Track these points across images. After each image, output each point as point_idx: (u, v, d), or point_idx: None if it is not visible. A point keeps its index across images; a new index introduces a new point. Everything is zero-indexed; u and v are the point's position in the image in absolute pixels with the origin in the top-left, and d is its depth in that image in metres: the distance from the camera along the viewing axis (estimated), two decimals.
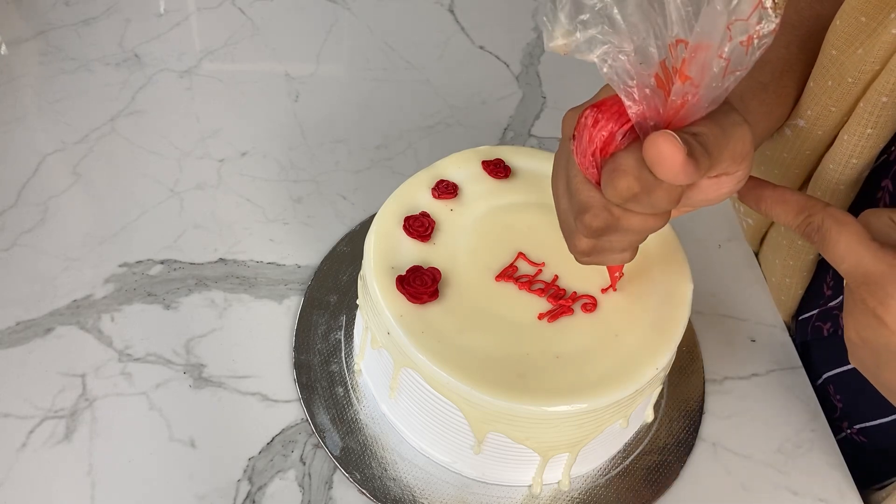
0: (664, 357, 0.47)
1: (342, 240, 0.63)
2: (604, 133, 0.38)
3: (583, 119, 0.39)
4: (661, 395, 0.57)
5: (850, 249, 0.38)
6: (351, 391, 0.55)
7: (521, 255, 0.51)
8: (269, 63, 0.77)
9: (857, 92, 0.51)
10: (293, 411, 0.54)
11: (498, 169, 0.54)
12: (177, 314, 0.58)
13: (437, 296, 0.48)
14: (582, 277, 0.50)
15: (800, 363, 0.60)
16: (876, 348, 0.39)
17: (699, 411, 0.57)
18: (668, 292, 0.50)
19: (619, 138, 0.38)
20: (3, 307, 0.57)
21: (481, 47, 0.82)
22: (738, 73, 0.35)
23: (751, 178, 0.43)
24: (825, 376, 0.59)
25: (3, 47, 0.75)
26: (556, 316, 0.48)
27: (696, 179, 0.36)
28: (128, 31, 0.78)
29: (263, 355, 0.57)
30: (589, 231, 0.40)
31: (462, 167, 0.55)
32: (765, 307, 0.64)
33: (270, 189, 0.67)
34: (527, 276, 0.50)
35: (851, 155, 0.53)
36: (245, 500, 0.50)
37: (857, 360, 0.41)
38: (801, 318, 0.62)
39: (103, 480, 0.50)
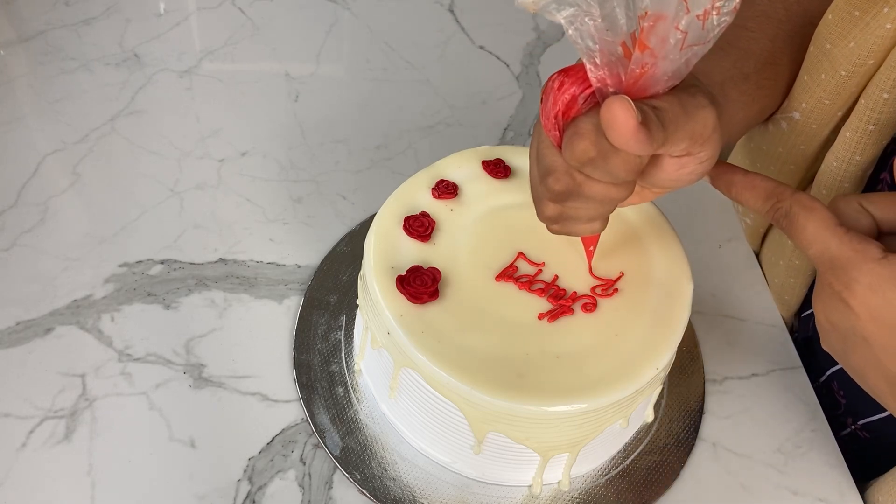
0: (664, 357, 0.47)
1: (342, 240, 0.63)
2: (566, 96, 0.39)
3: (550, 82, 0.40)
4: (661, 395, 0.57)
5: (816, 235, 0.39)
6: (351, 391, 0.55)
7: (521, 255, 0.51)
8: (269, 63, 0.77)
9: (851, 85, 0.51)
10: (293, 411, 0.54)
11: (498, 169, 0.54)
12: (177, 314, 0.58)
13: (437, 296, 0.48)
14: (582, 277, 0.50)
15: (800, 363, 0.60)
16: (843, 332, 0.40)
17: (699, 411, 0.57)
18: (668, 292, 0.50)
19: (581, 102, 0.39)
20: (3, 307, 0.57)
21: (481, 47, 0.82)
22: (695, 47, 0.36)
23: (722, 163, 0.44)
24: (829, 372, 0.59)
25: (3, 47, 0.75)
26: (556, 316, 0.48)
27: (649, 151, 0.37)
28: (128, 31, 0.78)
29: (263, 355, 0.57)
30: (552, 194, 0.41)
31: (462, 167, 0.55)
32: (765, 307, 0.64)
33: (270, 189, 0.67)
34: (527, 276, 0.50)
35: (854, 151, 0.53)
36: (245, 500, 0.50)
37: (828, 344, 0.42)
38: (803, 314, 0.63)
39: (103, 480, 0.50)
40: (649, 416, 0.56)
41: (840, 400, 0.59)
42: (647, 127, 0.36)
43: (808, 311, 0.61)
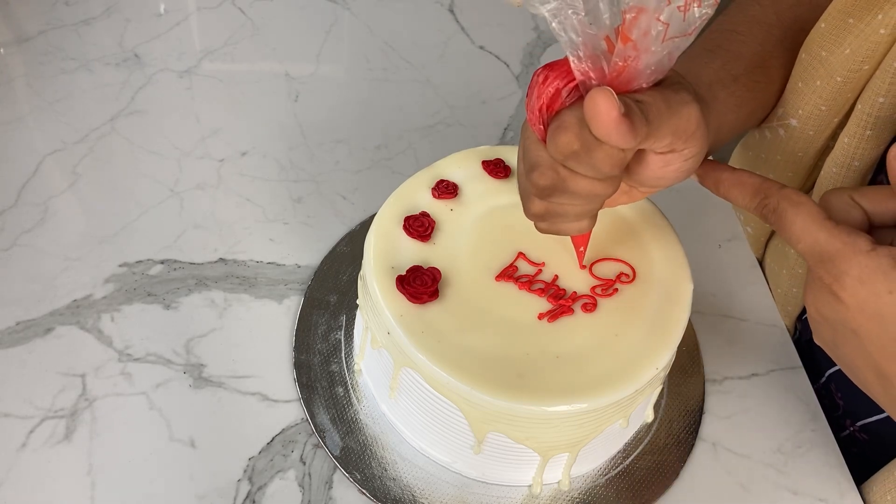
0: (664, 357, 0.47)
1: (342, 240, 0.63)
2: (550, 89, 0.39)
3: (535, 76, 0.40)
4: (661, 395, 0.57)
5: (805, 229, 0.39)
6: (351, 391, 0.55)
7: (521, 255, 0.51)
8: (269, 63, 0.77)
9: (847, 91, 0.51)
10: (293, 411, 0.54)
11: (498, 169, 0.54)
12: (177, 314, 0.58)
13: (437, 296, 0.48)
14: (582, 278, 0.50)
15: (800, 363, 0.60)
16: (834, 325, 0.40)
17: (699, 411, 0.57)
18: (668, 292, 0.50)
19: (565, 95, 0.39)
20: (3, 307, 0.57)
21: (481, 47, 0.82)
22: (677, 39, 0.36)
23: (710, 161, 0.44)
24: (828, 373, 0.60)
25: (3, 47, 0.75)
26: (556, 316, 0.48)
27: (631, 144, 0.37)
28: (128, 31, 0.78)
29: (263, 355, 0.57)
30: (537, 189, 0.41)
31: (462, 167, 0.55)
32: (765, 307, 0.64)
33: (270, 189, 0.67)
34: (527, 275, 0.50)
35: (853, 157, 0.53)
36: (245, 500, 0.50)
37: (819, 337, 0.42)
38: (804, 316, 0.63)
39: (103, 480, 0.50)
40: (649, 416, 0.56)
41: (838, 402, 0.59)
42: (630, 119, 0.36)
43: None
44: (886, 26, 0.47)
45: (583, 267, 0.50)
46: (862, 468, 0.56)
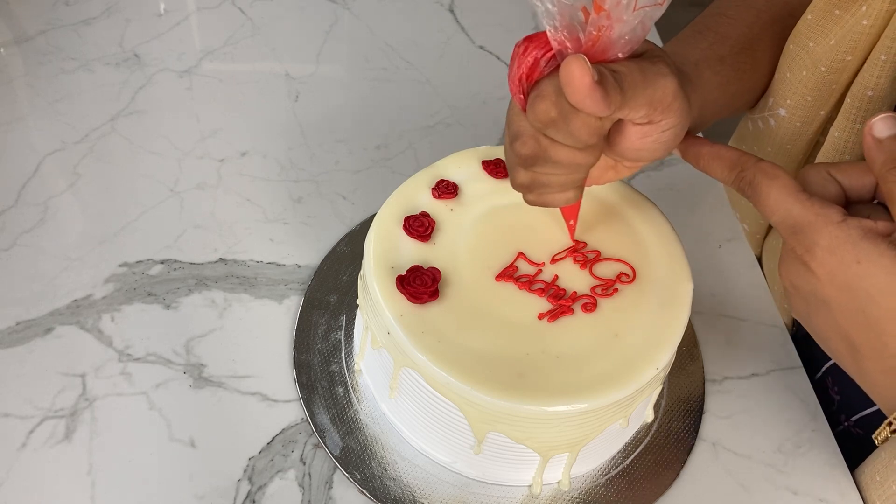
0: (664, 357, 0.47)
1: (342, 240, 0.63)
2: (529, 59, 0.40)
3: (516, 48, 0.41)
4: (661, 395, 0.57)
5: (779, 201, 0.40)
6: (351, 391, 0.55)
7: (521, 254, 0.51)
8: (269, 63, 0.77)
9: (832, 82, 0.52)
10: (293, 411, 0.54)
11: (498, 169, 0.54)
12: (177, 314, 0.58)
13: (437, 296, 0.48)
14: (582, 277, 0.50)
15: (800, 363, 0.60)
16: (806, 296, 0.41)
17: (699, 411, 0.57)
18: (668, 292, 0.50)
19: (543, 65, 0.40)
20: (3, 307, 0.57)
21: (481, 47, 0.82)
22: (648, 8, 0.37)
23: (691, 136, 0.45)
24: (824, 368, 0.60)
25: (3, 47, 0.75)
26: (556, 316, 0.48)
27: (605, 111, 0.38)
28: (128, 31, 0.78)
29: (263, 355, 0.57)
30: (520, 159, 0.42)
31: (462, 167, 0.55)
32: (765, 307, 0.64)
33: (270, 189, 0.67)
34: (527, 275, 0.50)
35: (844, 151, 0.53)
36: (245, 500, 0.50)
37: (794, 309, 0.43)
38: None
39: (103, 480, 0.50)
40: (649, 415, 0.56)
41: (834, 397, 0.59)
42: (604, 87, 0.37)
43: None
44: (869, 17, 0.48)
45: (574, 241, 0.51)
46: (856, 464, 0.56)
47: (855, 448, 0.57)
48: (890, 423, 0.40)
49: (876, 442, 0.41)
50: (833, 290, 0.39)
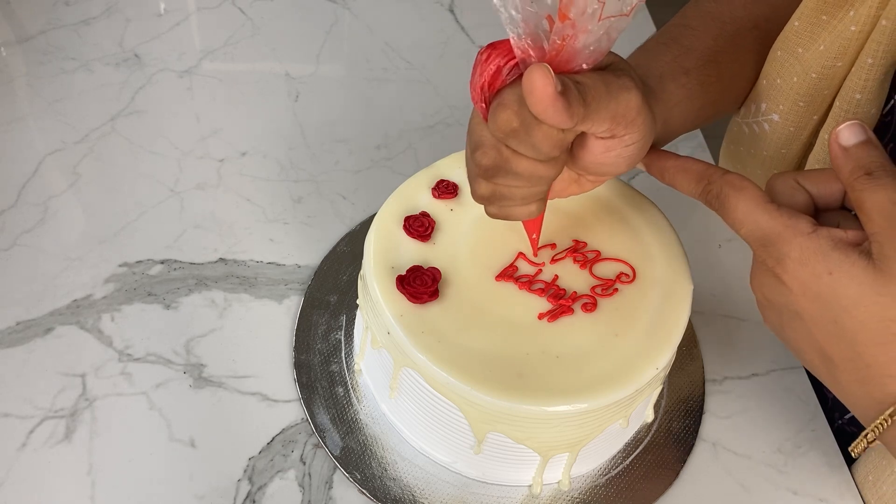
0: (664, 357, 0.47)
1: (342, 240, 0.63)
2: (492, 67, 0.39)
3: (479, 55, 0.40)
4: (661, 395, 0.57)
5: (747, 213, 0.40)
6: (351, 391, 0.55)
7: (521, 255, 0.51)
8: (269, 63, 0.77)
9: (823, 88, 0.52)
10: (293, 411, 0.54)
11: None
12: (177, 314, 0.58)
13: (437, 296, 0.48)
14: (582, 277, 0.50)
15: (800, 363, 0.60)
16: (779, 308, 0.40)
17: (699, 411, 0.57)
18: (668, 292, 0.50)
19: (506, 73, 0.39)
20: (3, 307, 0.57)
21: (481, 47, 0.82)
22: (613, 18, 0.37)
23: (656, 150, 0.45)
24: None
25: (3, 47, 0.75)
26: (556, 316, 0.48)
27: (567, 122, 0.37)
28: (128, 31, 0.78)
29: (263, 355, 0.57)
30: (481, 170, 0.42)
31: (462, 167, 0.55)
32: None
33: (270, 189, 0.67)
34: (527, 275, 0.50)
35: None
36: (245, 500, 0.50)
37: (768, 321, 0.42)
38: None
39: (103, 480, 0.50)
40: (649, 415, 0.56)
41: (828, 394, 0.59)
42: (567, 98, 0.37)
43: None
44: (857, 23, 0.48)
45: (536, 255, 0.50)
46: (851, 463, 0.56)
47: (848, 445, 0.57)
48: (867, 436, 0.40)
49: (853, 454, 0.41)
50: (805, 301, 0.38)
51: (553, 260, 0.51)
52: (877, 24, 0.47)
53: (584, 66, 0.39)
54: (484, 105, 0.40)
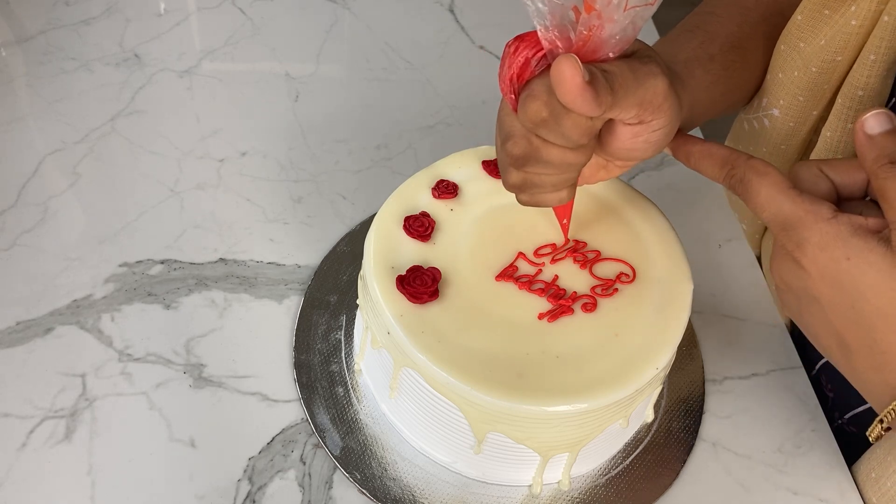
0: (664, 357, 0.47)
1: (342, 240, 0.63)
2: (520, 59, 0.40)
3: (507, 47, 0.41)
4: (661, 395, 0.57)
5: (770, 198, 0.40)
6: (351, 391, 0.55)
7: (521, 254, 0.51)
8: (269, 63, 0.77)
9: (822, 83, 0.52)
10: (293, 411, 0.54)
11: (498, 169, 0.54)
12: (177, 314, 0.58)
13: (437, 296, 0.48)
14: (582, 277, 0.50)
15: (800, 363, 0.60)
16: (797, 292, 0.41)
17: (699, 411, 0.57)
18: (668, 292, 0.50)
19: (534, 65, 0.40)
20: (3, 307, 0.57)
21: (481, 47, 0.82)
22: (638, 8, 0.37)
23: (682, 134, 0.45)
24: (818, 366, 0.60)
25: (3, 47, 0.75)
26: (556, 316, 0.48)
27: (596, 111, 0.38)
28: (128, 31, 0.78)
29: (263, 355, 0.57)
30: (512, 159, 0.42)
31: (462, 167, 0.55)
32: (765, 307, 0.64)
33: (270, 189, 0.67)
34: (527, 275, 0.50)
35: (836, 151, 0.53)
36: (245, 500, 0.50)
37: (786, 306, 0.43)
38: None
39: (103, 480, 0.50)
40: (649, 415, 0.56)
41: (828, 394, 0.59)
42: (595, 87, 0.37)
43: None
44: (858, 17, 0.48)
45: (567, 240, 0.51)
46: (851, 461, 0.56)
47: (849, 445, 0.57)
48: (882, 421, 0.40)
49: (870, 439, 0.41)
50: (824, 286, 0.39)
51: (553, 260, 0.51)
52: (879, 20, 0.47)
53: (611, 54, 0.39)
54: (513, 96, 0.41)
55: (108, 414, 0.53)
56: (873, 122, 0.39)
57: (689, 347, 0.60)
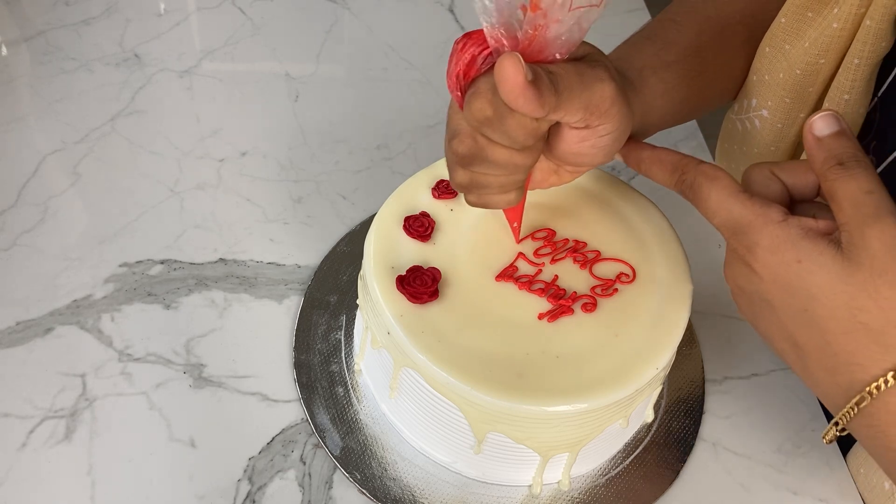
0: (664, 357, 0.47)
1: (342, 240, 0.63)
2: (466, 56, 0.40)
3: (455, 44, 0.41)
4: (661, 395, 0.57)
5: (720, 202, 0.40)
6: (351, 391, 0.55)
7: (521, 255, 0.51)
8: (269, 63, 0.77)
9: (807, 85, 0.52)
10: (293, 411, 0.54)
11: None
12: (177, 314, 0.58)
13: (437, 296, 0.48)
14: (582, 277, 0.50)
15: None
16: (751, 296, 0.40)
17: (699, 411, 0.57)
18: (667, 292, 0.50)
19: (481, 62, 0.40)
20: (3, 307, 0.57)
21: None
22: (583, 9, 0.37)
23: (633, 140, 0.45)
24: None
25: (3, 47, 0.75)
26: (556, 316, 0.48)
27: (539, 112, 0.38)
28: (128, 31, 0.78)
29: (263, 355, 0.57)
30: (457, 158, 0.42)
31: None
32: None
33: (270, 189, 0.67)
34: (527, 275, 0.50)
35: None
36: (245, 500, 0.50)
37: (741, 310, 0.43)
38: None
39: (103, 480, 0.50)
40: (649, 415, 0.56)
41: None
42: (538, 87, 0.37)
43: None
44: (839, 20, 0.48)
45: (518, 242, 0.51)
46: (844, 455, 0.56)
47: (840, 440, 0.57)
48: (836, 423, 0.40)
49: (824, 441, 0.41)
50: (776, 289, 0.39)
51: (553, 260, 0.51)
52: (861, 24, 0.47)
53: (558, 55, 0.39)
54: (459, 93, 0.41)
55: (108, 414, 0.53)
56: (821, 124, 0.39)
57: (688, 347, 0.60)
